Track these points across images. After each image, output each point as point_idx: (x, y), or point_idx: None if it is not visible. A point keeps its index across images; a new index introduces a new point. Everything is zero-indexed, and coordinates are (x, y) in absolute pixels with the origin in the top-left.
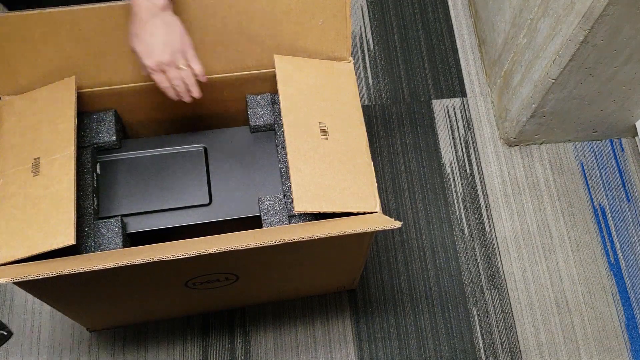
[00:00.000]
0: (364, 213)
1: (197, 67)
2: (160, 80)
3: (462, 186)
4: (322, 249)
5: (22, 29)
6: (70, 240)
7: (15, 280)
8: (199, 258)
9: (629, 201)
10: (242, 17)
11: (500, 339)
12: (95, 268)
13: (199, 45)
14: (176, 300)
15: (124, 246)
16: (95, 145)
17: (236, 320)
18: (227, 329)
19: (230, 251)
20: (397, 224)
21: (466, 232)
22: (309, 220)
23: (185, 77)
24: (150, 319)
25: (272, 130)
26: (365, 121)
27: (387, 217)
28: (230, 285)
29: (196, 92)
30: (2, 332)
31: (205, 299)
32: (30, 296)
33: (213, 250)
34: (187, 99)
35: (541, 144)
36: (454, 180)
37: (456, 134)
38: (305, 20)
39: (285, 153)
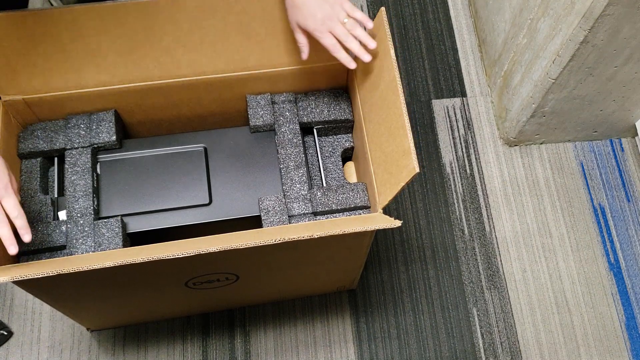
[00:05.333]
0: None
1: (359, 14)
2: (332, 43)
3: (462, 186)
4: (322, 249)
5: (22, 28)
6: None
7: (15, 280)
8: (198, 257)
9: (629, 201)
10: (242, 16)
11: (500, 339)
12: (96, 267)
13: (199, 45)
14: (176, 300)
15: (124, 246)
16: (96, 145)
17: (236, 320)
18: (227, 329)
19: (230, 251)
20: (397, 223)
21: (466, 232)
22: (309, 220)
23: (351, 28)
24: (150, 319)
25: (272, 130)
26: None
27: (387, 217)
28: (231, 285)
29: (372, 43)
30: (2, 332)
31: (205, 299)
32: (30, 296)
33: (212, 249)
34: (365, 58)
35: (541, 144)
36: (454, 180)
37: (456, 134)
38: None
39: (287, 153)
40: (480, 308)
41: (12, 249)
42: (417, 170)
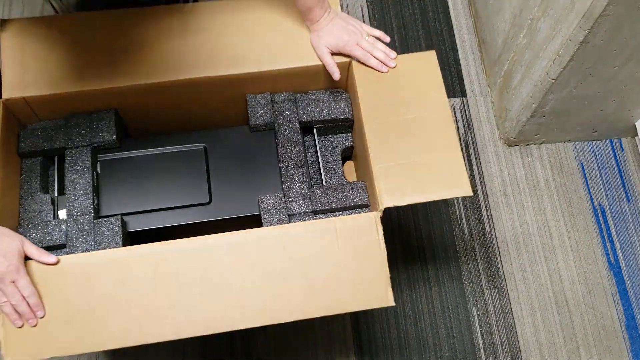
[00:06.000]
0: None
1: (377, 32)
2: (362, 53)
3: None
4: None
5: (42, 34)
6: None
7: None
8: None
9: (629, 201)
10: (243, 15)
11: (500, 339)
12: (116, 346)
13: (200, 45)
14: None
15: (124, 245)
16: (96, 145)
17: None
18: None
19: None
20: (392, 303)
21: (466, 232)
22: (308, 219)
23: (373, 42)
24: None
25: (272, 130)
26: None
27: (386, 291)
28: None
29: (393, 53)
30: None
31: None
32: None
33: (224, 328)
34: (392, 64)
35: (541, 143)
36: None
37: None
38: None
39: (287, 152)
40: (480, 308)
41: (32, 321)
42: (471, 194)
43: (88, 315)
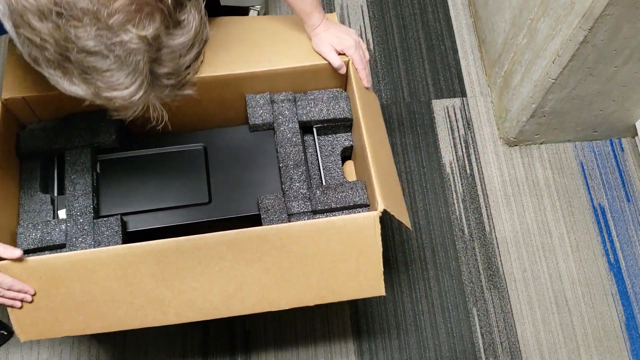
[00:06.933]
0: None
1: (367, 53)
2: (360, 59)
3: (462, 186)
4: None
5: None
6: None
7: (39, 339)
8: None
9: (629, 201)
10: (242, 26)
11: (500, 339)
12: (122, 328)
13: None
14: None
15: None
16: (95, 145)
17: (236, 320)
18: (227, 329)
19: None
20: (381, 292)
21: (466, 232)
22: (308, 219)
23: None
24: None
25: (271, 129)
26: None
27: (378, 280)
28: None
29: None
30: (2, 332)
31: None
32: None
33: (224, 315)
34: (368, 84)
35: (541, 144)
36: (454, 180)
37: (456, 134)
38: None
39: (287, 152)
40: (480, 308)
41: (27, 297)
42: (384, 294)
43: (93, 304)
